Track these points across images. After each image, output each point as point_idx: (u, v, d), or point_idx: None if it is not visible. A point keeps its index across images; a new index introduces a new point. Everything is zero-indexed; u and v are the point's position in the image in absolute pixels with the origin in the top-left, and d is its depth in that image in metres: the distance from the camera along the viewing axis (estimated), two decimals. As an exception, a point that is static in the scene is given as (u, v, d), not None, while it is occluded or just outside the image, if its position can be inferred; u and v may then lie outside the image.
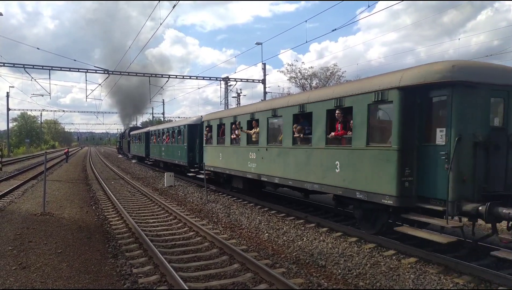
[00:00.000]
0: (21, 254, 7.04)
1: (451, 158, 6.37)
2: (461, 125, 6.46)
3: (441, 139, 6.71)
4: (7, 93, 53.81)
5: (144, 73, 34.34)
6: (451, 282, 5.80)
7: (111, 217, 10.79)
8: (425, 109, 7.02)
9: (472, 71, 6.67)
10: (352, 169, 8.08)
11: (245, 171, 12.82)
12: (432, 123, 6.96)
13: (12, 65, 28.19)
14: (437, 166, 6.70)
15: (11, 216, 10.43)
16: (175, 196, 15.26)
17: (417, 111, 7.05)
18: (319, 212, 11.17)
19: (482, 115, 6.65)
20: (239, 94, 43.11)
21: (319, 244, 7.92)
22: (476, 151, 6.48)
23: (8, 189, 15.41)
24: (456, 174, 6.35)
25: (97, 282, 5.76)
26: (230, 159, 14.09)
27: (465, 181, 6.42)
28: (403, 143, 6.96)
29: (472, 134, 6.49)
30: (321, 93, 9.56)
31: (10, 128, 71.53)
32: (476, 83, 6.51)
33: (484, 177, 6.52)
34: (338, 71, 41.29)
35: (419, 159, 7.03)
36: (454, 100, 6.49)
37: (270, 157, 11.34)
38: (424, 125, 7.03)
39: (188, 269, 6.40)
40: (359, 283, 5.89)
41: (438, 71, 6.60)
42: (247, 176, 12.73)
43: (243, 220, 10.43)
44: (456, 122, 6.45)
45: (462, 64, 6.75)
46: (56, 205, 12.40)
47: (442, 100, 6.79)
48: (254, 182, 12.89)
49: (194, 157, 19.10)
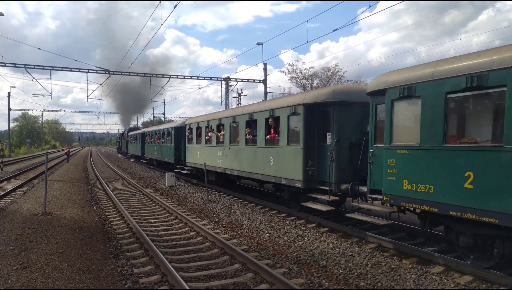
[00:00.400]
0: (22, 254, 7.05)
1: (333, 153, 9.11)
2: (339, 131, 9.19)
3: (329, 141, 9.37)
4: (8, 93, 53.79)
5: (145, 73, 34.36)
6: (452, 282, 5.80)
7: (112, 217, 10.80)
8: (320, 119, 9.74)
9: (346, 93, 9.42)
10: (280, 162, 10.85)
11: (215, 166, 15.65)
12: (324, 129, 9.59)
13: (13, 65, 28.23)
14: (327, 159, 9.40)
15: (12, 216, 10.44)
16: (176, 196, 15.27)
17: (315, 120, 9.81)
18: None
19: (355, 124, 9.26)
20: (240, 94, 43.10)
21: (320, 244, 7.92)
22: (351, 149, 9.12)
23: (9, 189, 15.44)
24: (337, 165, 9.13)
25: (98, 282, 5.77)
26: (205, 157, 16.67)
27: (343, 169, 9.14)
28: (307, 143, 9.74)
29: (348, 137, 9.15)
30: (262, 106, 12.49)
31: (11, 128, 71.67)
32: (349, 102, 9.22)
33: (357, 166, 8.88)
34: (339, 71, 41.25)
35: (318, 155, 9.80)
36: (334, 113, 9.23)
37: (231, 154, 14.14)
38: (321, 130, 9.73)
39: (189, 269, 6.40)
40: (360, 283, 5.89)
41: (325, 93, 9.50)
42: (217, 170, 15.55)
43: (244, 220, 10.43)
44: (336, 129, 9.21)
45: (339, 88, 10.02)
46: (57, 205, 12.41)
47: (328, 113, 9.43)
48: (223, 175, 15.54)
49: (180, 156, 21.70)
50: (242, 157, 13.15)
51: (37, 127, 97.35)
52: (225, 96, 38.06)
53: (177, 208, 12.21)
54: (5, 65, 27.44)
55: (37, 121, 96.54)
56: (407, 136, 7.00)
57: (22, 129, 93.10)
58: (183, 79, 34.50)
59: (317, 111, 9.72)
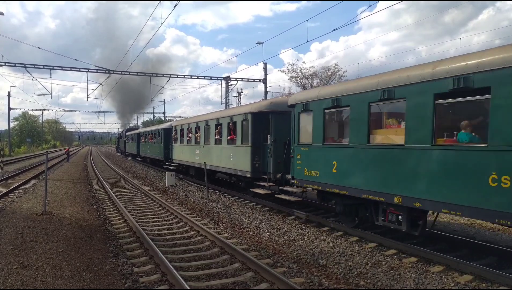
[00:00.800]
0: (22, 253, 7.06)
1: (272, 150, 11.72)
2: (276, 133, 11.82)
3: (269, 141, 11.95)
4: (8, 93, 53.78)
5: (145, 72, 34.34)
6: (452, 281, 5.80)
7: (112, 216, 10.80)
8: (264, 124, 12.34)
9: (281, 104, 11.99)
10: (236, 157, 13.73)
11: (193, 162, 18.72)
12: (267, 132, 12.22)
13: (13, 64, 28.21)
14: (268, 155, 12.00)
15: (12, 215, 10.44)
16: (176, 195, 15.27)
17: (260, 125, 12.51)
18: (318, 210, 11.17)
19: (287, 127, 11.05)
20: (240, 93, 43.08)
21: (320, 244, 7.92)
22: (285, 147, 11.37)
23: (9, 189, 15.43)
24: (274, 159, 11.75)
25: (98, 281, 5.77)
26: (186, 154, 19.82)
27: (279, 163, 11.62)
28: (254, 143, 12.62)
29: (282, 138, 11.55)
30: (225, 113, 15.79)
31: (12, 128, 71.64)
32: (282, 112, 11.69)
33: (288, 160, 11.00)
34: (339, 71, 41.22)
35: (262, 152, 12.49)
36: (272, 120, 11.88)
37: (205, 152, 16.96)
38: (264, 132, 12.34)
39: (189, 269, 6.40)
40: (360, 282, 5.89)
41: (265, 105, 12.73)
42: (195, 166, 18.68)
43: (244, 219, 10.43)
44: (273, 132, 11.85)
45: (275, 101, 13.06)
46: (57, 204, 12.41)
47: (268, 119, 12.04)
48: (201, 170, 17.77)
49: (168, 154, 24.55)
50: (212, 154, 16.13)
51: (37, 127, 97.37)
52: (225, 96, 38.07)
53: (177, 207, 12.21)
54: (5, 64, 27.43)
55: (37, 120, 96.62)
56: (306, 137, 9.71)
57: (22, 129, 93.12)
58: (183, 78, 34.47)
59: (262, 118, 12.43)
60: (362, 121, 7.71)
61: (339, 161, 8.41)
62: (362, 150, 7.75)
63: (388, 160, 7.16)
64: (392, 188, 7.04)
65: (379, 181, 7.33)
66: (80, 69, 29.84)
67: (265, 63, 33.01)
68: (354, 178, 7.98)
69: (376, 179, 7.40)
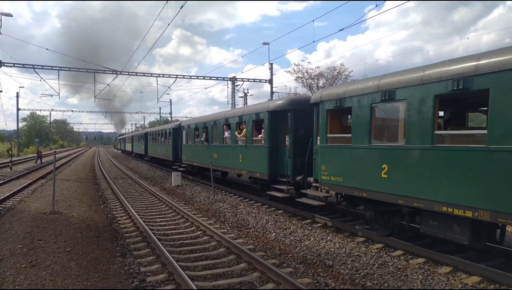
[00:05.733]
0: (30, 252, 7.13)
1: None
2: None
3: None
4: (17, 93, 54.15)
5: (151, 73, 34.56)
6: (460, 283, 5.76)
7: (119, 216, 10.87)
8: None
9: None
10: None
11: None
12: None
13: (22, 65, 28.48)
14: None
15: (21, 215, 10.56)
16: (182, 195, 15.32)
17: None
18: (323, 211, 11.14)
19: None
20: (246, 94, 43.08)
21: (326, 244, 7.90)
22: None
23: (18, 188, 15.60)
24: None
25: (106, 281, 5.81)
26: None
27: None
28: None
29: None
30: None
31: (20, 128, 72.36)
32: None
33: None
34: (345, 71, 41.04)
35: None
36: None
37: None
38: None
39: (195, 268, 6.43)
40: (367, 283, 5.87)
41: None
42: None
43: (250, 219, 10.44)
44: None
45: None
46: (65, 204, 12.52)
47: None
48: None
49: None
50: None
51: (45, 127, 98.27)
52: (231, 96, 38.09)
53: (184, 207, 12.25)
54: (13, 65, 27.71)
55: (45, 120, 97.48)
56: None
57: (31, 129, 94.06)
58: (189, 79, 34.60)
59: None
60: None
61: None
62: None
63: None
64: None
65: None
66: (87, 69, 30.07)
67: (271, 63, 32.96)
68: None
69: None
